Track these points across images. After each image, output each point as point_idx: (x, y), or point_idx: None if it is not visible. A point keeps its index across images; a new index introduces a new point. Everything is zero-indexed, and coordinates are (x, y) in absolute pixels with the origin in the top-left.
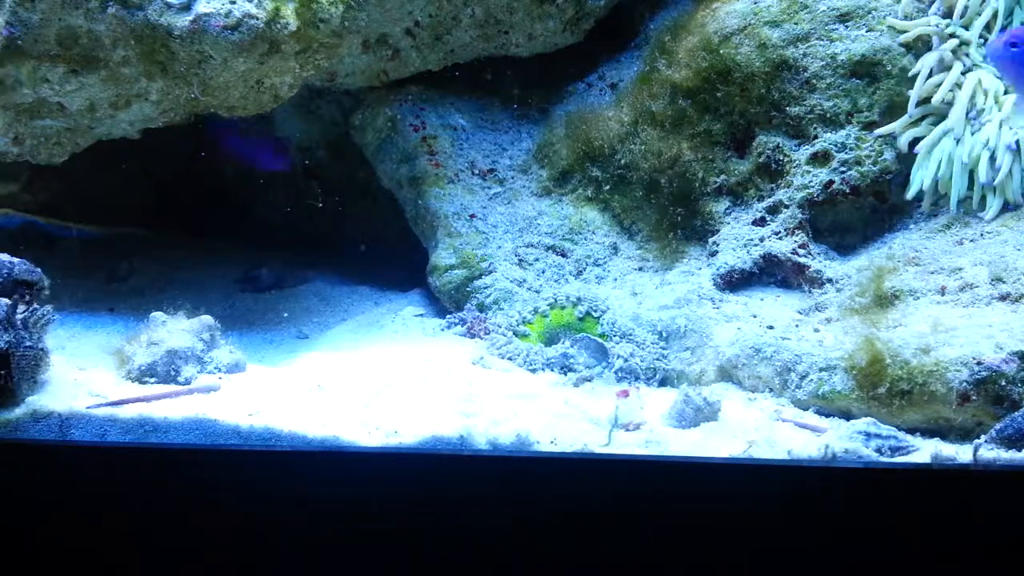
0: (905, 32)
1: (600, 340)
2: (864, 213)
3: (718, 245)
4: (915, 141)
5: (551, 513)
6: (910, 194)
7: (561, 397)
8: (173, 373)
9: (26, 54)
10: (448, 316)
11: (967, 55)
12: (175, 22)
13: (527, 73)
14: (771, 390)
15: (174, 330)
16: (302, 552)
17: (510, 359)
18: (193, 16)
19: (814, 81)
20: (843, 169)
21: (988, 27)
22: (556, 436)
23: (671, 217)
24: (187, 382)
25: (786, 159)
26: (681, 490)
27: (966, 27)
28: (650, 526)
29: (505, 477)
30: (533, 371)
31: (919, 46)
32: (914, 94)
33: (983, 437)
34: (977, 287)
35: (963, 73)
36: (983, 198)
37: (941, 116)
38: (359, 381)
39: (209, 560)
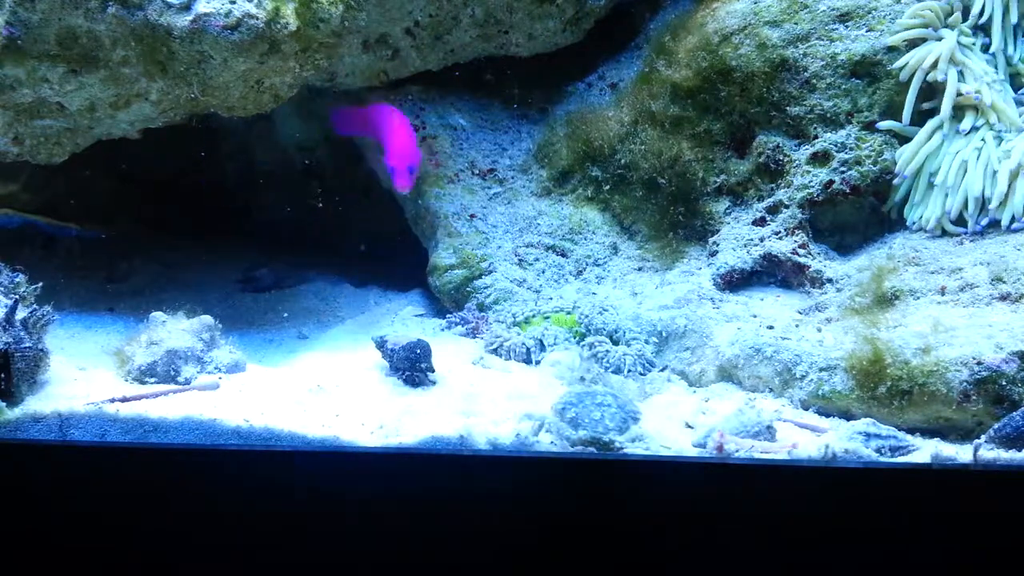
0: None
1: (627, 410)
2: (864, 213)
3: (718, 245)
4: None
5: (551, 513)
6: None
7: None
8: (173, 373)
9: (26, 54)
10: (448, 316)
11: (966, 66)
12: (175, 22)
13: (527, 73)
14: (771, 390)
15: (174, 330)
16: (301, 552)
17: (509, 357)
18: (193, 16)
19: (814, 81)
20: (843, 169)
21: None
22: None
23: (671, 217)
24: (187, 382)
25: (786, 159)
26: (681, 490)
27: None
28: (650, 526)
29: (505, 477)
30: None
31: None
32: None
33: (983, 437)
34: (977, 287)
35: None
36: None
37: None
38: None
39: (209, 560)
